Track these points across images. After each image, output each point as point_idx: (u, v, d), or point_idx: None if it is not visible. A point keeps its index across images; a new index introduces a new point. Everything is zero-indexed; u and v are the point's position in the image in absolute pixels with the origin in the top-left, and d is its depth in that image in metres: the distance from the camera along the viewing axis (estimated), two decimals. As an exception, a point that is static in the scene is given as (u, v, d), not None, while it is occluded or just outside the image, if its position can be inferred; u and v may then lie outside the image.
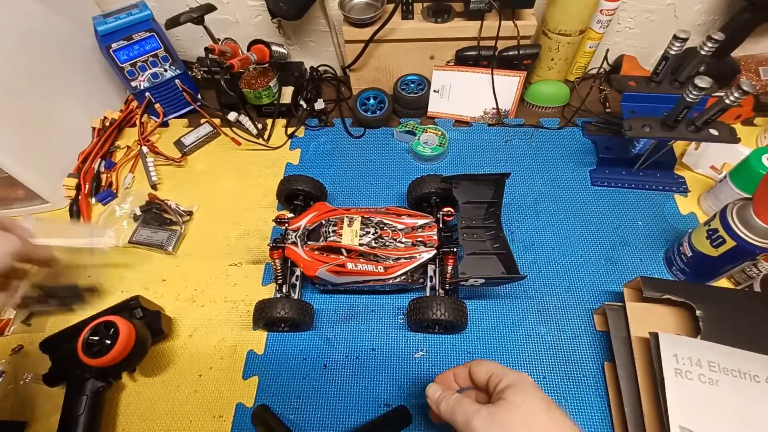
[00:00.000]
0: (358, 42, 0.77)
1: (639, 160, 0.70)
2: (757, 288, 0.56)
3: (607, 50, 0.85)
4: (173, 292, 0.66)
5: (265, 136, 0.84)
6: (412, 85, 0.83)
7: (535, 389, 0.35)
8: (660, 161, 0.69)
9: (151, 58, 0.79)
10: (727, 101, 0.54)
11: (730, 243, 0.52)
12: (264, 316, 0.57)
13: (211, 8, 0.75)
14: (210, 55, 0.73)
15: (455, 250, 0.59)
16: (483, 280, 0.57)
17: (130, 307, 0.58)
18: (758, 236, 0.50)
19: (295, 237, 0.61)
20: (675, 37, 0.61)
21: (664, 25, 0.82)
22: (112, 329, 0.52)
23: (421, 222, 0.61)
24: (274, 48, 0.83)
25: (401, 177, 0.76)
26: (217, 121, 0.86)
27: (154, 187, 0.78)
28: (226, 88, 0.76)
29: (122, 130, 0.87)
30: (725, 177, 0.64)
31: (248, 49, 0.81)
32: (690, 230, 0.59)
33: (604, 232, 0.68)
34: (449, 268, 0.59)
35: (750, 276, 0.57)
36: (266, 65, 0.83)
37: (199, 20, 0.73)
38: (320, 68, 0.92)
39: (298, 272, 0.63)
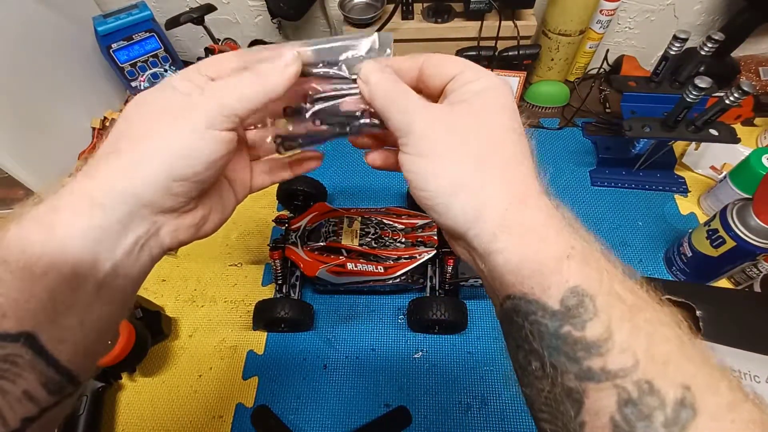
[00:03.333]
0: (358, 42, 0.77)
1: (639, 160, 0.70)
2: (757, 288, 0.56)
3: (607, 50, 0.85)
4: (173, 292, 0.66)
5: (265, 137, 0.84)
6: (412, 86, 0.83)
7: (512, 104, 0.24)
8: (660, 161, 0.69)
9: (151, 59, 0.79)
10: (727, 101, 0.54)
11: (730, 243, 0.52)
12: (264, 317, 0.57)
13: (211, 8, 0.75)
14: (210, 56, 0.73)
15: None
16: (483, 281, 0.57)
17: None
18: (758, 236, 0.50)
19: (295, 237, 0.61)
20: (675, 38, 0.61)
21: (664, 26, 0.82)
22: (112, 329, 0.52)
23: (421, 222, 0.61)
24: (274, 48, 0.83)
25: (401, 177, 0.76)
26: (217, 121, 0.86)
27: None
28: (226, 88, 0.76)
29: (122, 130, 0.87)
30: (725, 177, 0.64)
31: (248, 50, 0.81)
32: (690, 230, 0.59)
33: (604, 232, 0.68)
34: (449, 269, 0.59)
35: (750, 276, 0.57)
36: (266, 65, 0.83)
37: (199, 20, 0.73)
38: (320, 68, 0.92)
39: (298, 272, 0.63)
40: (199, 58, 0.92)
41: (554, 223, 0.21)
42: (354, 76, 0.25)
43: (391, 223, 0.61)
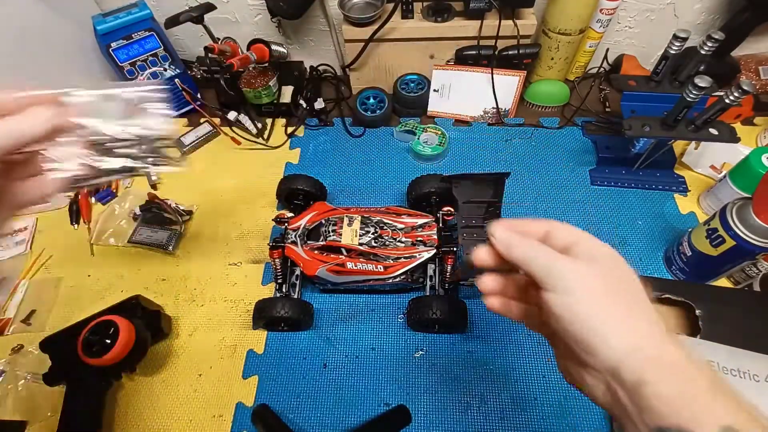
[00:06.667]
0: (358, 41, 0.77)
1: (639, 159, 0.70)
2: (756, 287, 0.56)
3: (607, 50, 0.85)
4: (173, 291, 0.66)
5: (265, 136, 0.84)
6: (412, 85, 0.83)
7: (631, 268, 0.29)
8: (660, 161, 0.69)
9: (150, 58, 0.79)
10: (726, 101, 0.54)
11: (730, 242, 0.52)
12: (264, 316, 0.57)
13: (210, 7, 0.75)
14: (210, 55, 0.73)
15: (455, 249, 0.59)
16: (483, 280, 0.57)
17: (130, 307, 0.58)
18: (758, 236, 0.50)
19: (295, 236, 0.61)
20: (675, 37, 0.61)
21: (664, 25, 0.81)
22: (112, 329, 0.52)
23: (420, 221, 0.61)
24: (273, 47, 0.83)
25: (401, 176, 0.76)
26: (216, 120, 0.86)
27: (153, 186, 0.78)
28: (225, 87, 0.76)
29: (122, 129, 0.87)
30: (725, 176, 0.64)
31: (248, 49, 0.81)
32: (690, 230, 0.59)
33: (603, 231, 0.68)
34: (449, 268, 0.59)
35: (749, 275, 0.57)
36: (266, 64, 0.83)
37: (198, 19, 0.73)
38: (320, 67, 0.92)
39: (298, 272, 0.63)
40: (198, 57, 0.92)
41: (693, 361, 0.24)
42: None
43: (391, 222, 0.61)
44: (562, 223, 0.31)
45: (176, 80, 0.83)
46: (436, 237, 0.60)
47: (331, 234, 0.59)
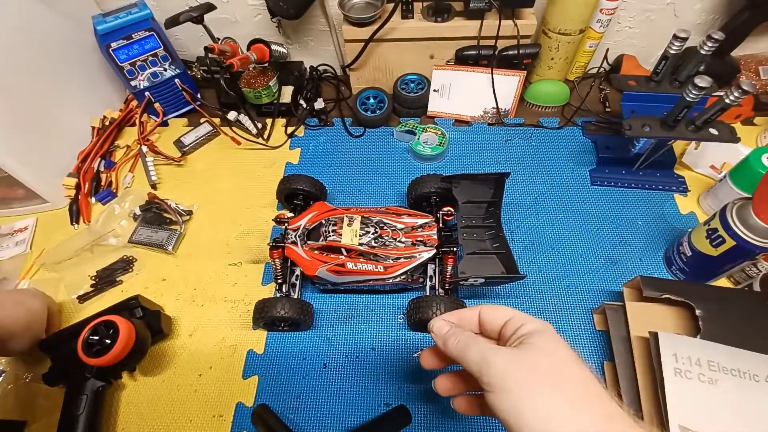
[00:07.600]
0: (358, 41, 0.77)
1: (639, 159, 0.70)
2: (756, 287, 0.56)
3: (607, 50, 0.85)
4: (173, 291, 0.66)
5: (265, 136, 0.84)
6: (412, 85, 0.83)
7: (563, 340, 0.29)
8: (660, 161, 0.69)
9: (150, 58, 0.79)
10: (726, 101, 0.54)
11: (730, 242, 0.52)
12: (264, 316, 0.57)
13: (210, 7, 0.75)
14: (210, 55, 0.73)
15: (455, 249, 0.59)
16: (483, 280, 0.57)
17: (130, 307, 0.58)
18: (758, 236, 0.50)
19: (295, 236, 0.61)
20: (675, 37, 0.61)
21: (664, 25, 0.82)
22: (112, 329, 0.52)
23: (420, 221, 0.61)
24: (273, 47, 0.83)
25: (401, 176, 0.76)
26: (216, 120, 0.86)
27: (153, 186, 0.78)
28: (225, 87, 0.76)
29: (122, 129, 0.87)
30: (725, 176, 0.64)
31: (248, 49, 0.81)
32: (690, 230, 0.59)
33: (603, 231, 0.68)
34: (449, 268, 0.59)
35: (749, 275, 0.57)
36: (266, 64, 0.83)
37: (198, 19, 0.73)
38: (320, 67, 0.92)
39: (298, 272, 0.63)
40: (198, 57, 0.92)
41: None
42: None
43: (391, 222, 0.61)
44: (490, 305, 0.32)
45: (176, 80, 0.82)
46: (436, 237, 0.60)
47: (331, 234, 0.59)
